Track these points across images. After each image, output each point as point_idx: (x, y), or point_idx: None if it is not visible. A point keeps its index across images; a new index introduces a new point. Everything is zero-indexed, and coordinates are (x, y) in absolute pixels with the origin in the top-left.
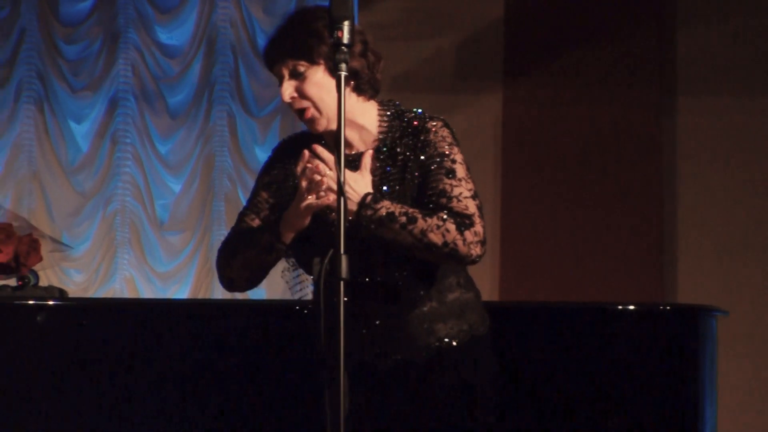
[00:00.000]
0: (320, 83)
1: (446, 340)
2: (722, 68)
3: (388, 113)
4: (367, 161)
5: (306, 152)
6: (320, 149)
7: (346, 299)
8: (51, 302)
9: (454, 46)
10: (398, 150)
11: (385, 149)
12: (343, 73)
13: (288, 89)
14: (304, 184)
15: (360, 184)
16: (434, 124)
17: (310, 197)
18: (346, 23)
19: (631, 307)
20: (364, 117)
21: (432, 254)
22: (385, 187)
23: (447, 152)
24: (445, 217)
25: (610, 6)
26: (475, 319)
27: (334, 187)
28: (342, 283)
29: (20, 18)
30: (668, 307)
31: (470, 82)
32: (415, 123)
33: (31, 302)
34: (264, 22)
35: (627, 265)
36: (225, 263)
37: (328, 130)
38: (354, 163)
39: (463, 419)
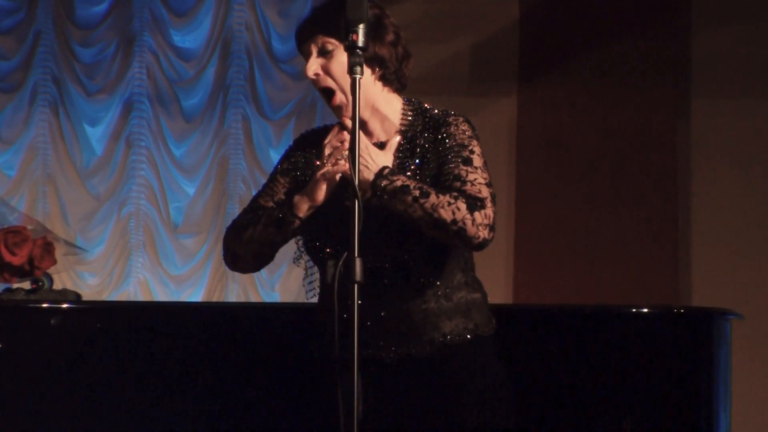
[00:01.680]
0: (346, 63)
1: (450, 336)
2: (737, 70)
3: (412, 108)
4: (393, 143)
5: (337, 126)
6: (348, 122)
7: (360, 302)
8: (65, 305)
9: (469, 48)
10: (418, 142)
11: (405, 142)
12: (358, 76)
13: (313, 65)
14: (327, 150)
15: (381, 158)
16: (455, 119)
17: (328, 164)
18: (361, 26)
19: (645, 310)
20: (388, 108)
21: (440, 231)
22: None
23: (466, 143)
24: (457, 195)
25: (625, 9)
26: (481, 319)
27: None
28: (356, 286)
29: (35, 21)
30: (682, 310)
31: (485, 85)
32: (437, 118)
33: (45, 305)
34: (279, 25)
35: (641, 267)
36: (233, 237)
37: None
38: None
39: (468, 416)
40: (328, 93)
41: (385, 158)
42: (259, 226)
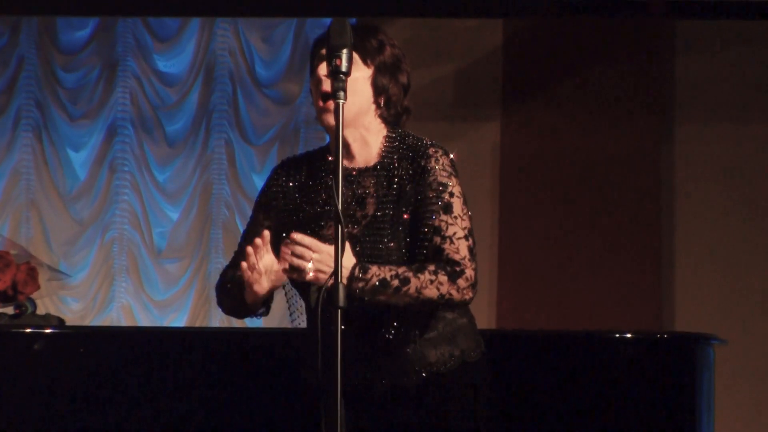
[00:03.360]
0: (357, 79)
1: (435, 366)
2: (720, 95)
3: (392, 136)
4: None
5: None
6: (299, 237)
7: (343, 327)
8: (48, 330)
9: (453, 73)
10: (395, 172)
11: (383, 170)
12: (341, 101)
13: (325, 68)
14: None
15: (345, 259)
16: (435, 150)
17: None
18: (344, 51)
19: (628, 335)
20: (374, 136)
21: (428, 306)
22: (379, 212)
23: (446, 183)
24: (435, 269)
25: (609, 34)
26: (468, 344)
27: (319, 266)
28: (339, 311)
29: (19, 46)
30: (665, 335)
31: (469, 110)
32: (416, 147)
33: (28, 330)
34: (262, 50)
35: (625, 292)
36: (218, 296)
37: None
38: (355, 181)
39: None
40: (325, 96)
41: (348, 258)
42: (232, 296)
